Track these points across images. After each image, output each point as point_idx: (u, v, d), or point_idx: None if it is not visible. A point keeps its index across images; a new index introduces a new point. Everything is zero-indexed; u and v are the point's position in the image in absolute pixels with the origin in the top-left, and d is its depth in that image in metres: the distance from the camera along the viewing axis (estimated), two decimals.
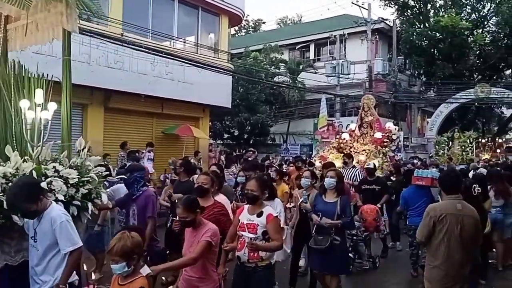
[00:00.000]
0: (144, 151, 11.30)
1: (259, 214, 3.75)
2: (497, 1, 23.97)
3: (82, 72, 10.37)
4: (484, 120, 30.74)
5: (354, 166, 9.08)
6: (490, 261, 6.83)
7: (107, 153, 10.30)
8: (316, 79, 21.44)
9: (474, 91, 21.35)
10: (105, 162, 8.76)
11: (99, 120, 11.56)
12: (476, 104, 23.15)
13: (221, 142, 23.04)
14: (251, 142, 21.63)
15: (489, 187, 6.82)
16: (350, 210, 5.04)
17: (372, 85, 22.00)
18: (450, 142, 20.09)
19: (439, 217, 3.81)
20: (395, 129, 11.61)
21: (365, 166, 8.39)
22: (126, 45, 11.03)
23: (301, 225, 5.51)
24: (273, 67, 23.84)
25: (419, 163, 14.66)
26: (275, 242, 3.70)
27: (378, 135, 10.96)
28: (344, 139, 11.28)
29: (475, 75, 25.56)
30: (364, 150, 10.58)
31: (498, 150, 25.26)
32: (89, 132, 11.13)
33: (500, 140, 28.28)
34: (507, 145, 32.43)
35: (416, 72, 26.74)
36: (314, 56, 26.23)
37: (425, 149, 22.86)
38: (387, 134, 11.13)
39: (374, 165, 8.23)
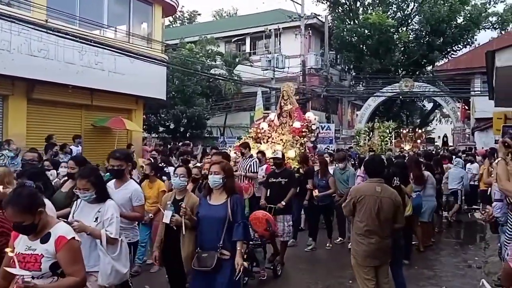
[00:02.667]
0: (71, 145, 10.76)
1: (44, 239, 2.56)
2: (419, 1, 25.65)
3: (2, 60, 9.73)
4: (408, 113, 32.87)
5: (251, 156, 8.52)
6: (413, 243, 7.38)
7: (34, 147, 9.68)
8: (252, 72, 21.63)
9: (399, 85, 22.74)
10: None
11: (22, 112, 10.85)
12: (400, 97, 24.69)
13: (157, 135, 22.55)
14: (187, 135, 21.38)
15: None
16: (243, 212, 3.94)
17: (305, 79, 22.63)
18: (371, 133, 20.12)
19: (358, 198, 4.25)
20: (315, 118, 10.97)
21: (272, 155, 7.57)
22: (51, 32, 10.40)
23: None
24: (209, 59, 23.67)
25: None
26: (69, 279, 2.55)
27: (297, 124, 10.36)
28: (262, 128, 10.65)
29: (400, 70, 27.20)
30: (281, 139, 10.09)
31: (419, 141, 27.14)
32: (10, 125, 10.47)
33: (420, 131, 30.38)
34: (428, 136, 35.01)
35: (347, 67, 27.93)
36: (250, 50, 26.40)
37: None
38: (306, 124, 10.54)
39: (283, 154, 7.37)
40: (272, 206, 6.41)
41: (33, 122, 11.16)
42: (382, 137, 18.41)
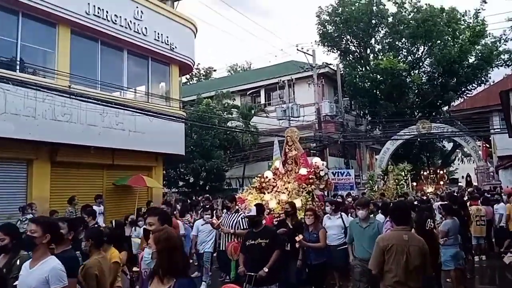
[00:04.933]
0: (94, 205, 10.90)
1: None
2: (429, 44, 26.07)
3: (27, 126, 10.15)
4: (428, 154, 32.43)
5: (237, 211, 7.50)
6: None
7: (55, 209, 9.87)
8: (268, 122, 21.95)
9: (416, 127, 22.61)
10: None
11: (46, 175, 11.13)
12: (419, 139, 24.48)
13: (176, 190, 22.69)
14: (207, 188, 21.46)
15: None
16: None
17: (321, 126, 22.77)
18: (385, 176, 18.92)
19: (387, 247, 4.08)
20: (323, 164, 10.03)
21: (246, 214, 6.34)
22: (74, 97, 10.89)
23: None
24: (225, 112, 24.22)
25: (350, 199, 13.37)
26: None
27: (303, 171, 9.54)
28: (267, 177, 9.79)
29: (416, 113, 27.19)
30: (286, 188, 9.28)
31: (441, 182, 26.52)
32: (34, 189, 10.73)
33: (441, 172, 29.76)
34: (451, 177, 34.23)
35: (362, 112, 28.09)
36: (265, 101, 26.95)
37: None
38: (314, 170, 9.60)
39: (260, 207, 6.36)
40: (252, 274, 5.26)
41: (57, 185, 11.41)
42: (397, 180, 17.27)
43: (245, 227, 6.93)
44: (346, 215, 8.43)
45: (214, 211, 10.59)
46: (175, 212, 14.53)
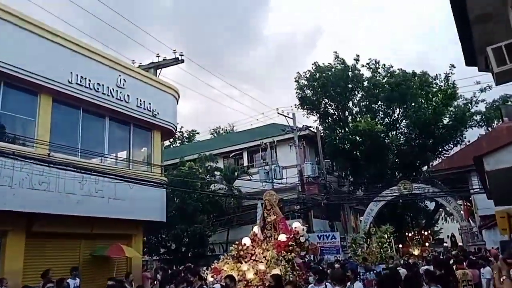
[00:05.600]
0: (69, 278, 10.36)
1: None
2: (404, 107, 27.09)
3: (3, 196, 9.83)
4: (411, 214, 32.47)
5: (202, 286, 6.62)
6: None
7: (27, 284, 9.30)
8: (251, 185, 21.85)
9: (398, 188, 22.80)
10: None
11: (20, 247, 10.58)
12: (401, 200, 24.60)
13: (158, 257, 21.88)
14: (189, 254, 20.76)
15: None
16: None
17: (304, 188, 22.78)
18: (368, 239, 18.42)
19: None
20: (303, 229, 9.61)
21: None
22: (52, 165, 10.69)
23: None
24: (208, 175, 24.10)
25: (338, 265, 12.84)
26: None
27: (282, 237, 9.04)
28: (245, 244, 9.22)
29: (396, 173, 27.58)
30: (265, 257, 8.57)
31: (427, 243, 26.28)
32: (6, 262, 10.16)
33: (426, 233, 29.60)
34: (436, 237, 34.08)
35: (344, 173, 28.38)
36: (248, 163, 27.07)
37: None
38: (293, 236, 9.13)
39: (232, 278, 5.91)
40: None
41: (31, 257, 10.82)
42: (380, 243, 16.52)
43: None
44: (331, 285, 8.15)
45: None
46: (155, 282, 13.93)
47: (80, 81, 12.17)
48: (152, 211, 13.97)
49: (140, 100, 14.19)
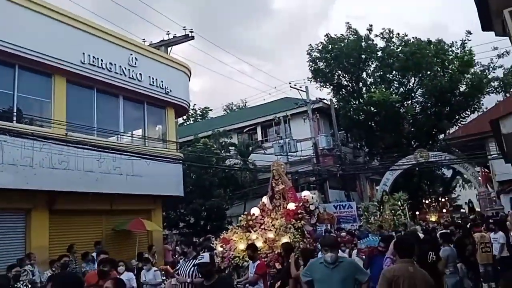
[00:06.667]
0: (93, 252, 10.77)
1: None
2: (419, 76, 26.61)
3: (24, 176, 10.17)
4: (428, 183, 32.33)
5: (195, 256, 6.16)
6: None
7: (54, 259, 9.72)
8: (266, 159, 22.00)
9: (414, 157, 22.69)
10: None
11: (44, 224, 11.02)
12: (417, 168, 24.49)
13: (177, 231, 22.41)
14: (208, 228, 21.21)
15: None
16: None
17: (319, 160, 22.84)
18: (381, 207, 18.14)
19: (394, 278, 4.02)
20: (312, 197, 9.61)
21: (198, 261, 5.12)
22: (70, 145, 10.97)
23: None
24: (223, 151, 24.31)
25: (344, 234, 13.01)
26: None
27: (291, 206, 8.99)
28: (254, 214, 9.22)
29: (412, 142, 27.35)
30: (273, 225, 8.63)
31: (444, 210, 26.27)
32: (33, 238, 10.59)
33: (443, 200, 29.55)
34: (454, 204, 33.98)
35: (359, 144, 28.26)
36: (262, 137, 27.16)
37: None
38: (303, 204, 9.08)
39: (212, 258, 5.44)
40: None
41: (56, 233, 11.28)
42: (393, 211, 16.50)
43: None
44: (341, 251, 8.30)
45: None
46: (176, 256, 14.36)
47: (93, 61, 12.31)
48: (169, 186, 14.27)
49: (153, 78, 14.29)
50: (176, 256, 14.99)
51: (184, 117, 35.93)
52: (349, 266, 4.66)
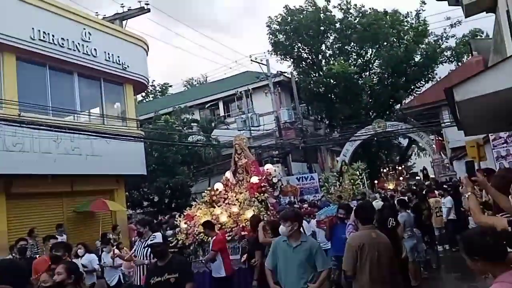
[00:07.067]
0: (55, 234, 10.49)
1: None
2: (376, 47, 27.12)
3: None
4: (386, 152, 33.52)
5: (154, 236, 5.64)
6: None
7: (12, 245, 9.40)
8: (229, 134, 21.96)
9: (372, 127, 23.39)
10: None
11: (1, 209, 10.60)
12: (375, 138, 25.30)
13: (141, 211, 22.19)
14: (172, 206, 21.12)
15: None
16: None
17: (281, 134, 23.07)
18: (340, 178, 18.12)
19: (360, 246, 4.18)
20: (275, 170, 9.70)
21: (150, 241, 5.01)
22: (24, 125, 10.47)
23: None
24: (185, 127, 24.03)
25: (306, 205, 13.12)
26: None
27: (254, 179, 9.00)
28: (217, 189, 9.24)
29: (371, 113, 28.12)
30: (237, 199, 8.61)
31: (401, 178, 27.45)
32: None
33: (400, 168, 30.84)
34: (410, 172, 35.54)
35: (319, 117, 28.74)
36: (224, 113, 26.99)
37: None
38: (266, 177, 9.14)
39: (165, 237, 5.17)
40: None
41: (14, 218, 10.89)
42: (352, 180, 16.56)
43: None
44: (307, 222, 8.49)
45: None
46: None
47: (43, 37, 11.68)
48: (131, 165, 14.01)
49: (108, 54, 13.77)
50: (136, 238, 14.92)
51: (143, 94, 35.06)
52: (310, 249, 4.33)
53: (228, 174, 9.85)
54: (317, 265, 4.30)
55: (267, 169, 9.49)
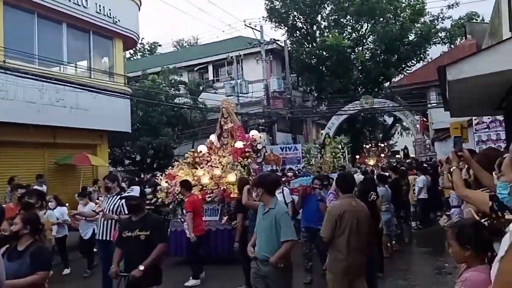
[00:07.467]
0: (35, 185, 10.47)
1: None
2: (372, 22, 26.86)
3: None
4: (370, 128, 33.83)
5: (119, 193, 5.98)
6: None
7: None
8: (217, 99, 21.83)
9: (360, 103, 23.49)
10: None
11: None
12: (362, 114, 25.48)
13: (122, 168, 22.16)
14: (154, 166, 21.12)
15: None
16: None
17: (269, 103, 23.02)
18: (322, 150, 18.20)
19: (340, 214, 4.27)
20: (260, 137, 9.76)
21: (126, 194, 4.65)
22: (9, 72, 10.21)
23: None
24: (172, 89, 23.73)
25: (290, 174, 13.04)
26: None
27: (239, 144, 9.06)
28: (201, 152, 9.29)
29: (359, 89, 28.17)
30: (220, 162, 8.71)
31: (382, 155, 27.86)
32: None
33: (382, 145, 31.25)
34: (391, 150, 36.07)
35: (308, 88, 28.66)
36: (213, 77, 26.70)
37: None
38: (250, 143, 9.21)
39: (142, 192, 4.94)
40: (126, 274, 4.14)
41: None
42: (334, 153, 16.52)
43: (126, 212, 5.62)
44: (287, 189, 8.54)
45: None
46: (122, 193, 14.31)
47: None
48: (116, 121, 13.90)
49: (99, 6, 13.39)
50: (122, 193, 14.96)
51: (132, 51, 34.36)
52: (276, 215, 4.03)
53: (213, 137, 9.87)
54: (281, 234, 3.95)
55: (252, 135, 9.55)
